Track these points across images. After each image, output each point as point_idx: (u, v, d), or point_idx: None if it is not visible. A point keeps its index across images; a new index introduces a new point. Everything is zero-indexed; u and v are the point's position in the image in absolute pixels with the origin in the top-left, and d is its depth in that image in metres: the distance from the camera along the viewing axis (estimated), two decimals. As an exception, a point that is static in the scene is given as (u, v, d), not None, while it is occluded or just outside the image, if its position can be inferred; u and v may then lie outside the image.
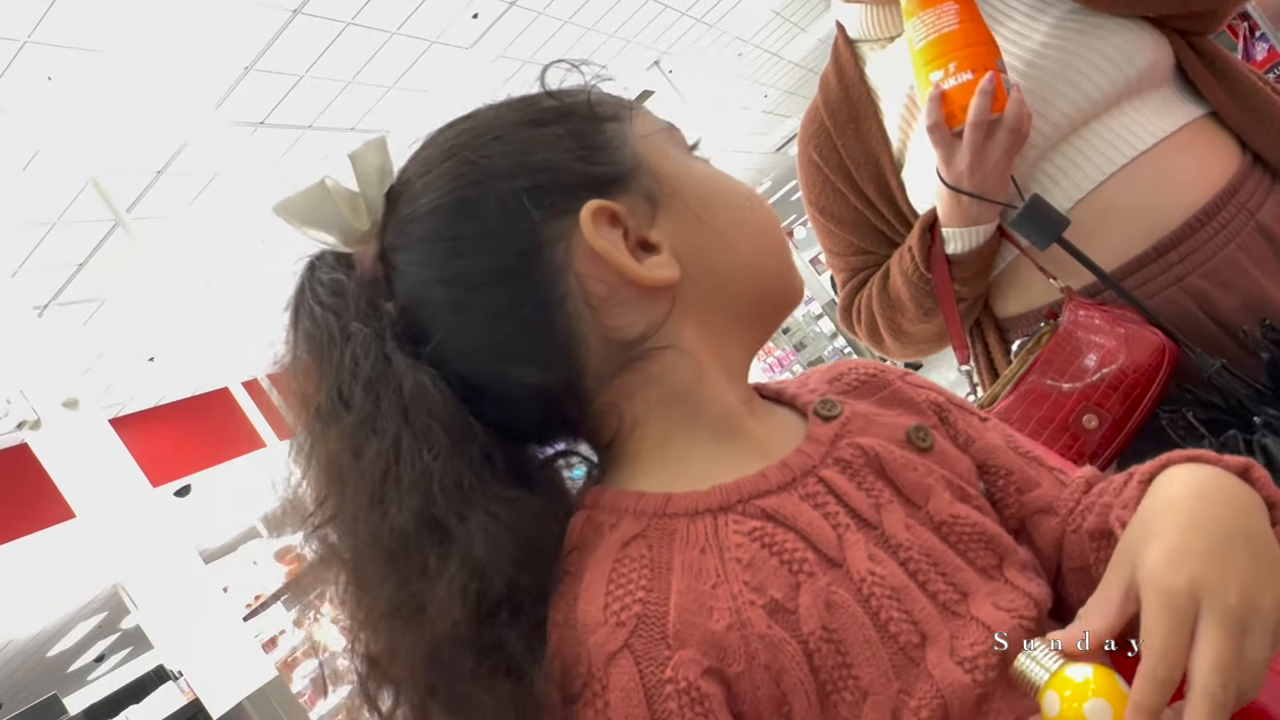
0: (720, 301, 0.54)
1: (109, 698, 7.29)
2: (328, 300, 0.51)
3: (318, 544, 0.50)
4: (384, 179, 0.55)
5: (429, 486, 0.47)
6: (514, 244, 0.50)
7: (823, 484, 0.52)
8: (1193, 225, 0.96)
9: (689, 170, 0.56)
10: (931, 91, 0.94)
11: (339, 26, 4.49)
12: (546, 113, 0.54)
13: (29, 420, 3.61)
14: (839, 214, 1.18)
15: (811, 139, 1.19)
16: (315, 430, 0.50)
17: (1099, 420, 0.94)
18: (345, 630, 0.49)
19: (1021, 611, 0.50)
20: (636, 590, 0.47)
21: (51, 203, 4.33)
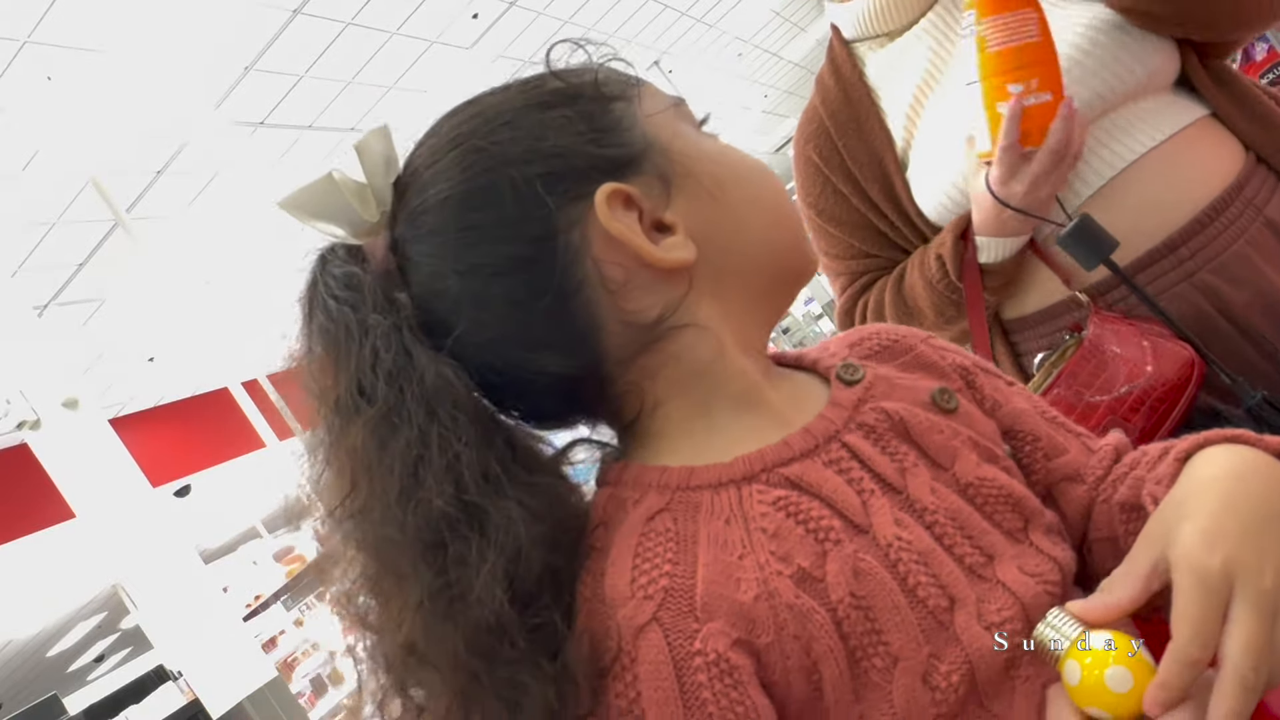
0: (736, 278, 0.54)
1: (109, 698, 7.29)
2: (342, 294, 0.51)
3: (341, 536, 0.49)
4: (390, 168, 0.54)
5: (460, 475, 0.47)
6: (529, 231, 0.50)
7: (846, 449, 0.51)
8: (1202, 220, 0.96)
9: (700, 148, 0.56)
10: (1013, 106, 0.90)
11: (339, 26, 4.48)
12: (554, 95, 0.54)
13: (29, 420, 3.61)
14: (840, 215, 1.16)
15: (810, 139, 1.16)
16: (335, 424, 0.49)
17: (1126, 435, 0.93)
18: (365, 622, 0.49)
19: (1046, 576, 0.50)
20: (663, 564, 0.47)
21: (51, 203, 4.33)
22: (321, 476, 0.50)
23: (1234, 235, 0.96)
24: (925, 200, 1.08)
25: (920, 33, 1.10)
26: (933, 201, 1.07)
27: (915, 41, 1.10)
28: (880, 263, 1.16)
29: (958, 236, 1.02)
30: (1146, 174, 0.97)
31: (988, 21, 0.91)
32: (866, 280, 1.18)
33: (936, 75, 1.08)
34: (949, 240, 1.03)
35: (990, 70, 0.92)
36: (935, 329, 1.10)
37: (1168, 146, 0.97)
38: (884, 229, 1.14)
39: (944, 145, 1.05)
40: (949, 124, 1.05)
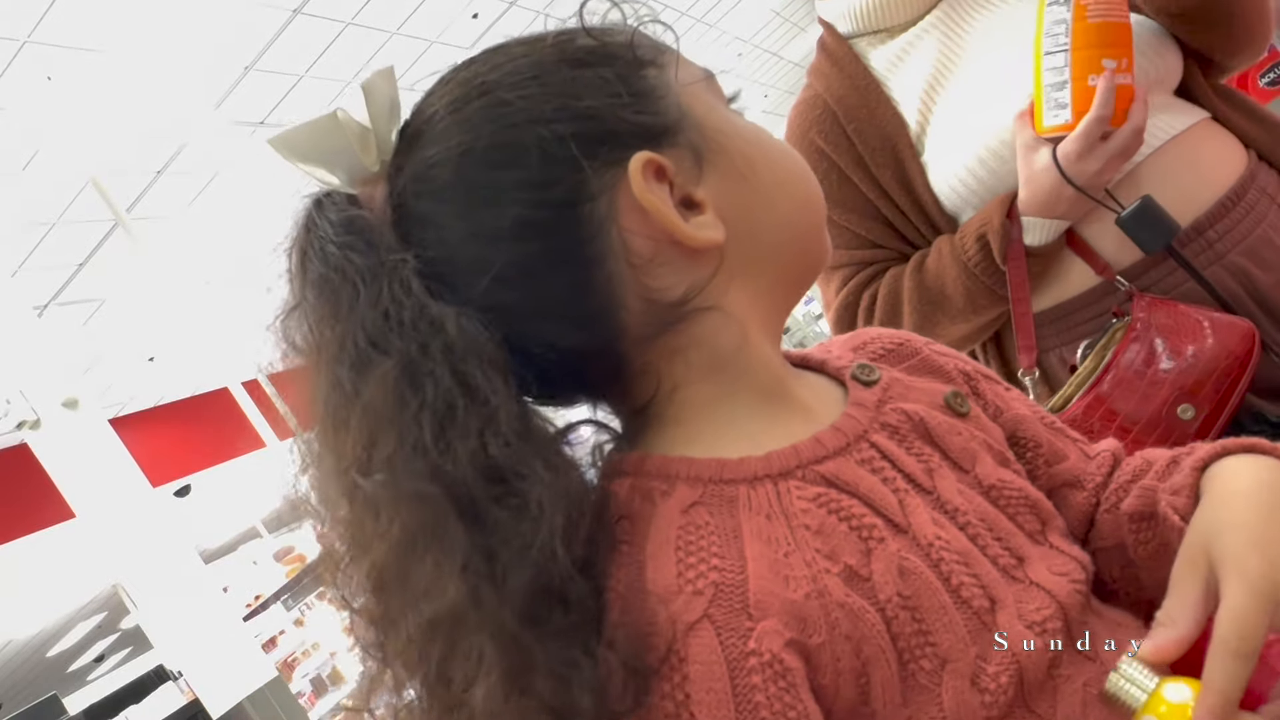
0: (763, 262, 0.52)
1: (109, 698, 7.29)
2: (344, 238, 0.46)
3: (358, 498, 0.44)
4: (394, 114, 0.50)
5: (499, 428, 0.43)
6: (555, 195, 0.46)
7: (875, 449, 0.50)
8: (1225, 205, 0.97)
9: (733, 124, 0.53)
10: (1106, 79, 0.88)
11: (339, 26, 4.48)
12: (587, 53, 0.50)
13: (29, 420, 3.61)
14: (847, 202, 1.12)
15: (814, 124, 1.13)
16: (344, 378, 0.44)
17: (1195, 411, 0.91)
18: (384, 600, 0.44)
19: (1074, 575, 0.50)
20: (710, 557, 0.44)
21: (51, 203, 4.33)
22: (327, 436, 0.45)
23: (1256, 220, 0.97)
24: (941, 181, 1.06)
25: (927, 27, 1.10)
26: (951, 181, 1.05)
27: (922, 36, 1.10)
28: (886, 254, 1.13)
29: (1005, 217, 0.99)
30: (1169, 161, 0.98)
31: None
32: (873, 271, 1.13)
33: (950, 65, 1.07)
34: (996, 220, 0.99)
35: (1087, 41, 0.89)
36: (960, 320, 1.08)
37: (1183, 138, 0.99)
38: (892, 217, 1.11)
39: (964, 125, 1.04)
40: (969, 105, 1.04)
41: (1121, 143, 0.91)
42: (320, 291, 0.46)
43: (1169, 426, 0.92)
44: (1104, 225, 0.99)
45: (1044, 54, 0.92)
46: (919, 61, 1.09)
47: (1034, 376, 1.02)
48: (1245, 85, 4.81)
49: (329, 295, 0.46)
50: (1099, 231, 0.99)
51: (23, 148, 3.89)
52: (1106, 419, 0.95)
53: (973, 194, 1.04)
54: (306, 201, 0.49)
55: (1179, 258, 0.95)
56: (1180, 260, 0.95)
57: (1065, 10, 0.90)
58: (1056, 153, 0.93)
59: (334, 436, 0.45)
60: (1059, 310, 1.04)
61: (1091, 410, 0.95)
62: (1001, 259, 1.00)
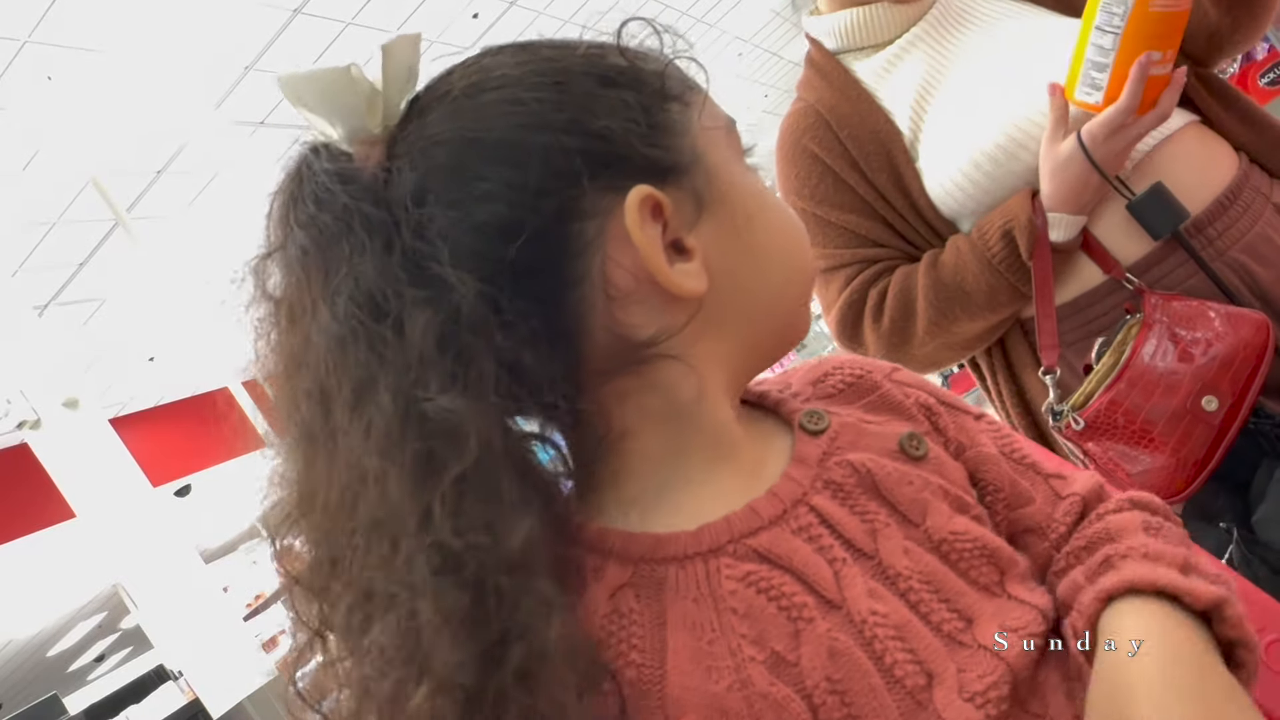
0: (738, 324, 0.50)
1: (109, 698, 7.29)
2: (342, 187, 0.45)
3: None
4: (410, 81, 0.49)
5: (529, 391, 0.44)
6: (548, 205, 0.45)
7: (814, 513, 0.48)
8: (1223, 203, 0.98)
9: (743, 178, 0.52)
10: (1142, 65, 0.88)
11: (339, 26, 4.49)
12: (616, 72, 0.49)
13: (29, 420, 3.61)
14: (844, 203, 1.11)
15: (807, 132, 1.13)
16: (333, 330, 0.42)
17: (1219, 402, 0.92)
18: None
19: (1030, 629, 0.47)
20: (630, 650, 0.44)
21: (51, 203, 4.33)
22: (315, 377, 0.43)
23: (1253, 218, 0.99)
24: (937, 186, 1.07)
25: (913, 40, 1.11)
26: (947, 186, 1.05)
27: (908, 49, 1.11)
28: (888, 252, 1.12)
29: (1031, 213, 0.99)
30: (1165, 159, 0.99)
31: None
32: (878, 269, 1.12)
33: (940, 74, 1.08)
34: (1023, 216, 0.99)
35: (1141, 30, 0.87)
36: (978, 317, 1.07)
37: (1177, 138, 1.00)
38: (890, 219, 1.11)
39: (958, 131, 1.04)
40: (962, 111, 1.05)
41: (1146, 127, 0.92)
42: (315, 236, 0.44)
43: (1194, 419, 0.92)
44: (1110, 221, 1.00)
45: (1095, 27, 0.89)
46: (908, 73, 1.10)
47: (1055, 376, 1.01)
48: (1245, 85, 4.81)
49: (328, 240, 0.44)
50: (1105, 227, 1.00)
51: (23, 148, 3.89)
52: (1130, 415, 0.95)
53: (969, 198, 1.05)
54: (301, 148, 0.48)
55: (1187, 245, 0.95)
56: (1188, 248, 0.95)
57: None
58: (1082, 134, 0.93)
59: (319, 381, 0.43)
60: (1066, 309, 1.04)
61: (1114, 406, 0.95)
62: (1028, 255, 1.00)
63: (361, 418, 0.41)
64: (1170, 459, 0.93)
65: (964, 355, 1.16)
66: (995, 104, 1.02)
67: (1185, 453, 0.93)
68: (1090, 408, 0.97)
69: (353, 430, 0.42)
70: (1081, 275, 1.03)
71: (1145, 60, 0.88)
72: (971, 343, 1.13)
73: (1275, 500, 0.93)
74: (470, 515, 0.40)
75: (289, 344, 0.45)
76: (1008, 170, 1.02)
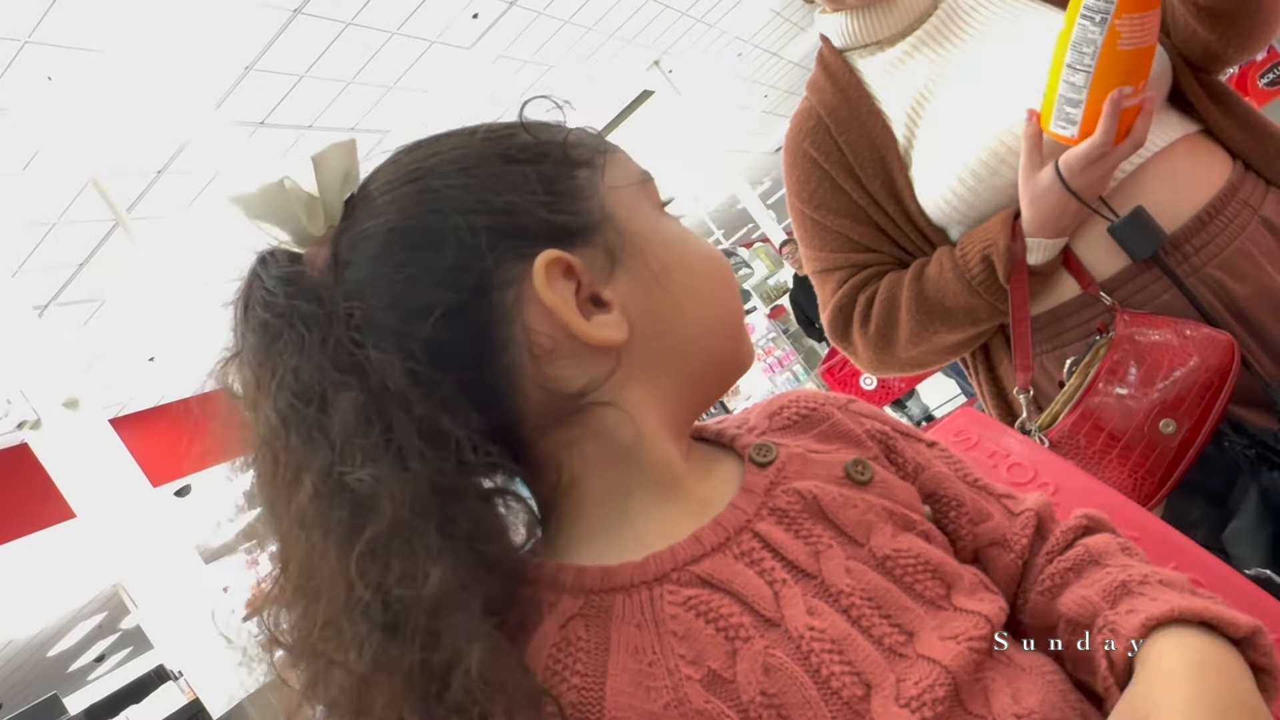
0: (667, 364, 0.54)
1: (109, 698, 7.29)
2: (285, 289, 0.50)
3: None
4: (348, 183, 0.53)
5: (460, 444, 0.47)
6: (464, 282, 0.49)
7: (758, 539, 0.51)
8: (1202, 219, 0.98)
9: (655, 229, 0.55)
10: (1114, 102, 0.89)
11: (339, 26, 4.49)
12: (520, 150, 0.53)
13: (29, 420, 3.61)
14: (839, 207, 1.14)
15: (807, 135, 1.16)
16: (272, 419, 0.48)
17: (1177, 425, 0.93)
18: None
19: (970, 633, 0.49)
20: (572, 675, 0.47)
21: (51, 203, 4.33)
22: (266, 463, 0.48)
23: (1234, 233, 0.99)
24: (927, 196, 1.08)
25: (916, 43, 1.12)
26: (935, 198, 1.07)
27: (911, 51, 1.12)
28: (880, 257, 1.15)
29: (1010, 238, 1.01)
30: (1148, 177, 1.00)
31: (1129, 18, 0.87)
32: (868, 274, 1.15)
33: (937, 82, 1.09)
34: (1001, 242, 1.01)
35: (1111, 68, 0.89)
36: (956, 330, 1.09)
37: (1164, 155, 1.00)
38: (884, 225, 1.13)
39: (949, 142, 1.06)
40: (954, 122, 1.06)
41: (1121, 156, 0.93)
42: (261, 336, 0.50)
43: (1151, 441, 0.94)
44: (1088, 240, 1.01)
45: (1065, 64, 0.92)
46: (909, 76, 1.11)
47: (1029, 395, 1.03)
48: (1244, 85, 4.81)
49: (270, 339, 0.49)
50: (1084, 245, 1.02)
51: (23, 148, 3.89)
52: (1092, 434, 0.96)
53: (955, 210, 1.07)
54: (252, 258, 0.53)
55: (1164, 267, 0.96)
56: (1165, 270, 0.96)
57: (1099, 34, 0.88)
58: (1060, 166, 0.95)
59: (271, 465, 0.48)
60: (1042, 318, 1.06)
61: (1078, 426, 0.97)
62: (1005, 279, 1.02)
63: (298, 497, 0.46)
64: (1128, 479, 0.95)
65: (949, 359, 1.19)
66: (984, 117, 1.03)
67: (1143, 473, 0.95)
68: (1056, 428, 0.98)
69: (292, 509, 0.47)
70: (1059, 287, 1.04)
71: (1117, 95, 0.89)
72: (954, 349, 1.15)
73: (1246, 516, 0.94)
74: (389, 571, 0.44)
75: (250, 434, 0.50)
76: (991, 185, 1.03)
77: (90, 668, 10.75)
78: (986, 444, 0.86)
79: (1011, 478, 0.83)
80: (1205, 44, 1.03)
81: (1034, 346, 1.06)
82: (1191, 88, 1.04)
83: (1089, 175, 0.94)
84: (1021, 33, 1.07)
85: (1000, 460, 0.84)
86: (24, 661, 8.67)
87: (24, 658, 8.55)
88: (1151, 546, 0.67)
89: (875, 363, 1.18)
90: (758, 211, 9.48)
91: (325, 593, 0.45)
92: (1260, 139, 1.04)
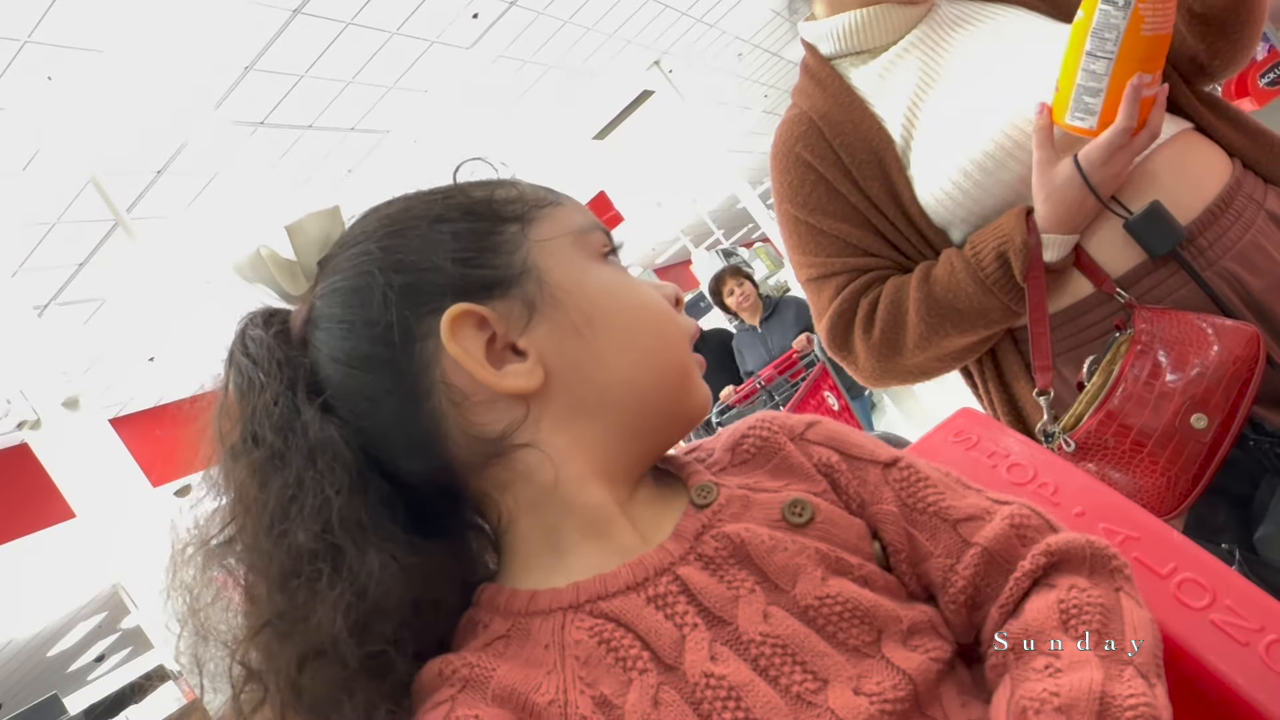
0: (590, 411, 0.56)
1: (109, 698, 7.29)
2: (253, 351, 0.56)
3: (215, 562, 0.54)
4: (325, 247, 0.59)
5: (329, 516, 0.51)
6: (389, 335, 0.53)
7: (678, 582, 0.52)
8: (1214, 212, 0.98)
9: (581, 280, 0.57)
10: (1135, 87, 0.89)
11: (339, 26, 4.49)
12: (452, 210, 0.57)
13: (29, 420, 3.61)
14: (836, 211, 1.11)
15: (800, 139, 1.13)
16: (227, 462, 0.54)
17: (1208, 420, 0.91)
18: (227, 645, 0.53)
19: (886, 694, 0.49)
20: (473, 668, 0.50)
21: (51, 203, 4.33)
22: (212, 509, 0.55)
23: (1245, 226, 0.98)
24: (927, 194, 1.07)
25: (907, 46, 1.11)
26: (936, 194, 1.06)
27: (902, 56, 1.11)
28: (880, 262, 1.12)
29: (1026, 234, 0.99)
30: (1157, 169, 0.99)
31: (1153, 2, 0.86)
32: (868, 279, 1.11)
33: (932, 82, 1.08)
34: (1018, 239, 0.99)
35: (1134, 54, 0.88)
36: (971, 332, 1.07)
37: (1169, 146, 1.00)
38: (882, 227, 1.11)
39: (949, 138, 1.05)
40: (954, 119, 1.05)
41: (1140, 146, 0.93)
42: (235, 392, 0.56)
43: (1184, 437, 0.92)
44: (1099, 236, 1.00)
45: (1085, 53, 0.91)
46: (901, 79, 1.10)
47: (1049, 398, 1.00)
48: (1245, 85, 4.81)
49: (238, 395, 0.56)
50: (1096, 242, 1.00)
51: (23, 148, 3.89)
52: (1120, 434, 0.94)
53: (959, 206, 1.05)
54: (239, 321, 0.60)
55: (1181, 261, 0.95)
56: (1184, 265, 0.95)
57: (1121, 18, 0.87)
58: (1080, 159, 0.94)
59: (214, 508, 0.55)
60: (1057, 318, 1.04)
61: (1104, 427, 0.95)
62: (1022, 277, 1.00)
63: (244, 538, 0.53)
64: (1161, 478, 0.92)
65: (954, 366, 1.16)
66: (985, 112, 1.02)
67: (1176, 471, 0.92)
68: (1080, 429, 0.96)
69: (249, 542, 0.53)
70: (1072, 286, 1.03)
71: (1138, 81, 0.89)
72: (962, 354, 1.12)
73: (1276, 519, 0.92)
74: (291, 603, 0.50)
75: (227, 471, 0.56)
76: (997, 179, 1.02)
77: (90, 668, 10.74)
78: (986, 444, 0.85)
79: (1011, 478, 0.83)
80: (1192, 53, 1.04)
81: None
82: (1181, 91, 1.04)
83: (1110, 168, 0.93)
84: (1014, 35, 1.07)
85: (1000, 460, 0.83)
86: (24, 661, 8.67)
87: (24, 658, 8.55)
88: (1152, 546, 0.66)
89: (878, 371, 1.14)
90: (758, 211, 9.47)
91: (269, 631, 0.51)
92: (1254, 138, 1.04)
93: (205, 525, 0.55)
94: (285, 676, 0.50)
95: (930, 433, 0.81)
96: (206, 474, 0.56)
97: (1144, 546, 0.66)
